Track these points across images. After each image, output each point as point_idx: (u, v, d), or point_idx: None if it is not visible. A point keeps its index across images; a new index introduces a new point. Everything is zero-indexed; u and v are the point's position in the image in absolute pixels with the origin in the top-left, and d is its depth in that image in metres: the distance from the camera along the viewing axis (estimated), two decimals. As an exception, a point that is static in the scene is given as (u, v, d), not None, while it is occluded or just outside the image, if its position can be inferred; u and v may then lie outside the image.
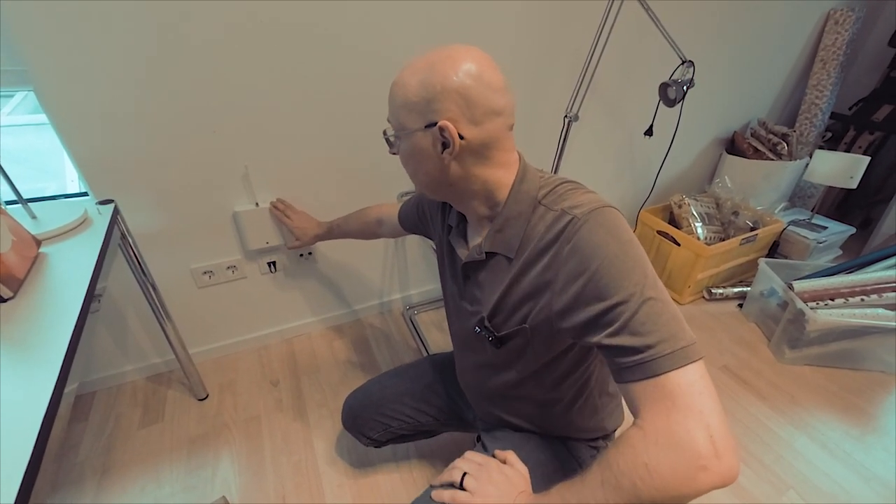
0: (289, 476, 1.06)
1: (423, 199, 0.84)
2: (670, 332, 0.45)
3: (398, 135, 0.58)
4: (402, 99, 0.54)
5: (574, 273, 0.51)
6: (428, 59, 0.53)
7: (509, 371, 0.68)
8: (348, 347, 1.46)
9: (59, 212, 0.84)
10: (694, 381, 0.44)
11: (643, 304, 0.46)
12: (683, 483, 0.41)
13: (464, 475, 0.61)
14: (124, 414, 1.22)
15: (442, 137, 0.53)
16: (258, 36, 0.98)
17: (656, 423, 0.44)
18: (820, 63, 1.87)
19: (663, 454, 0.42)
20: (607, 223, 0.51)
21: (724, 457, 0.41)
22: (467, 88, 0.51)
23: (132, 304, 1.20)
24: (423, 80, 0.52)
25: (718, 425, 0.42)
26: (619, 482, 0.44)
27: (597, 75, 1.22)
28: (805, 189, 2.02)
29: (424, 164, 0.57)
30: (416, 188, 0.64)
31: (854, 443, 1.16)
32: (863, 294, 1.34)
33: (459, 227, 0.69)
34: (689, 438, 0.41)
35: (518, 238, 0.57)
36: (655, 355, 0.45)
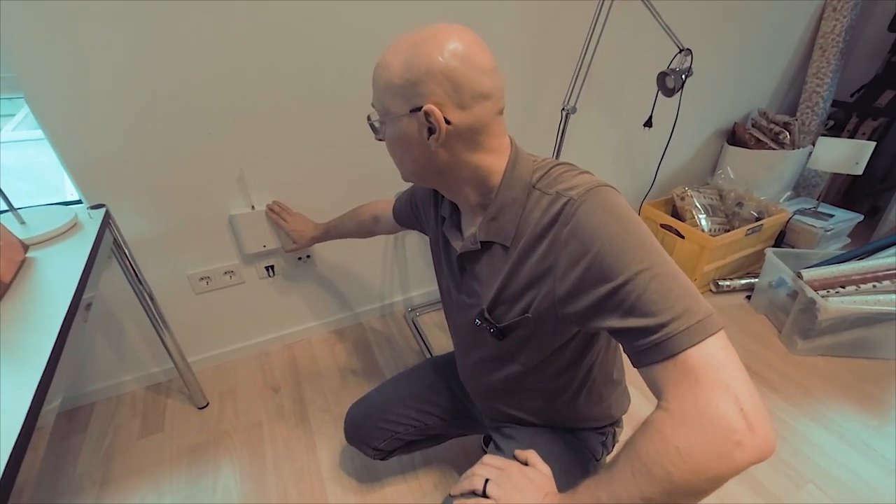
0: (291, 483, 1.04)
1: (415, 192, 0.82)
2: (684, 306, 0.43)
3: (383, 120, 0.56)
4: (385, 82, 0.52)
5: (575, 256, 0.48)
6: (412, 38, 0.50)
7: (513, 364, 0.66)
8: (350, 352, 1.44)
9: (49, 217, 0.83)
10: (716, 353, 0.41)
11: (651, 281, 0.44)
12: (720, 462, 0.38)
13: (486, 482, 0.57)
14: (123, 424, 1.20)
15: (427, 123, 0.51)
16: (251, 38, 0.97)
17: (682, 404, 0.41)
18: (819, 50, 1.85)
19: (694, 435, 0.39)
20: (605, 202, 0.49)
21: (759, 428, 0.38)
22: (453, 70, 0.48)
23: (129, 313, 1.19)
24: (406, 61, 0.49)
25: (748, 396, 0.39)
26: (651, 470, 0.41)
27: (593, 66, 1.20)
28: (809, 178, 1.99)
29: (411, 151, 0.55)
30: (402, 176, 0.61)
31: (873, 433, 1.12)
32: (875, 280, 1.30)
33: (453, 218, 0.66)
34: (719, 415, 0.38)
35: (514, 225, 0.55)
36: (671, 333, 0.42)
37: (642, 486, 0.41)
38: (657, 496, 0.41)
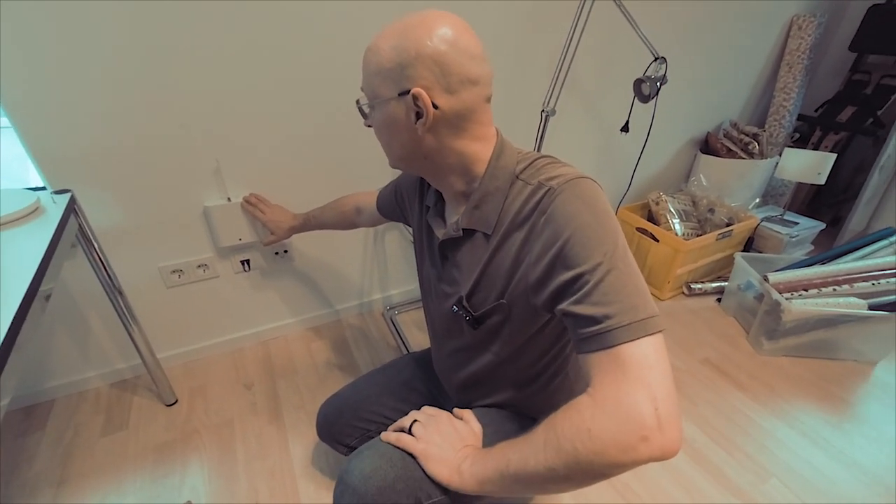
0: (263, 481, 1.01)
1: (400, 183, 0.81)
2: (631, 303, 0.45)
3: (372, 104, 0.56)
4: (375, 66, 0.52)
5: (548, 243, 0.50)
6: (402, 23, 0.51)
7: (487, 353, 0.66)
8: (327, 349, 1.41)
9: (8, 201, 0.79)
10: (648, 353, 0.43)
11: (608, 274, 0.46)
12: (623, 452, 0.41)
13: (413, 422, 0.63)
14: (85, 422, 1.14)
15: (415, 106, 0.51)
16: (226, 27, 0.95)
17: (605, 392, 0.43)
18: (786, 67, 1.94)
19: (608, 422, 0.42)
20: (583, 193, 0.51)
21: (667, 430, 0.40)
22: (442, 54, 0.49)
23: (94, 306, 1.14)
24: (396, 45, 0.50)
25: (665, 399, 0.41)
26: (561, 444, 0.44)
27: (573, 70, 1.23)
28: (776, 187, 2.08)
29: (398, 135, 0.55)
30: (389, 161, 0.61)
31: (833, 430, 1.17)
32: (835, 284, 1.37)
33: (437, 207, 0.67)
34: (635, 409, 0.41)
35: (496, 213, 0.56)
36: (612, 326, 0.44)
37: (549, 456, 0.44)
38: (560, 468, 0.44)
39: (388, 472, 0.59)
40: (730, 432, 1.16)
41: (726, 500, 0.99)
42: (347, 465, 0.62)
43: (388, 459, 0.60)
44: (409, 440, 0.61)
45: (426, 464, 0.58)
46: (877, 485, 1.04)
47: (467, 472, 0.55)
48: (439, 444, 0.59)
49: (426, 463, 0.58)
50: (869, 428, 1.18)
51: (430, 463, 0.58)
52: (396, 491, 0.58)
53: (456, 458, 0.57)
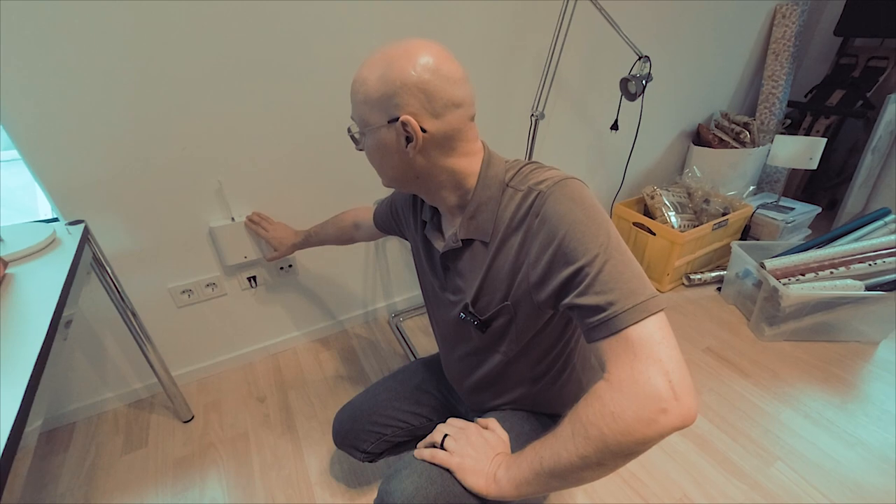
0: (280, 490, 1.04)
1: (396, 199, 0.85)
2: (630, 288, 0.48)
3: (363, 131, 0.59)
4: (362, 96, 0.55)
5: (544, 243, 0.53)
6: (385, 54, 0.54)
7: (495, 354, 0.69)
8: (335, 359, 1.45)
9: (27, 234, 0.84)
10: (653, 332, 0.46)
11: (606, 264, 0.49)
12: (647, 426, 0.43)
13: (445, 437, 0.64)
14: (105, 442, 1.18)
15: (405, 132, 0.54)
16: (225, 51, 0.99)
17: (620, 374, 0.46)
18: (772, 55, 1.96)
19: (627, 401, 0.44)
20: (571, 193, 0.54)
21: (683, 399, 0.43)
22: (426, 83, 0.52)
23: (109, 329, 1.18)
24: (382, 75, 0.53)
25: (676, 370, 0.44)
26: (588, 431, 0.46)
27: (559, 73, 1.27)
28: (771, 174, 2.09)
29: (390, 159, 0.58)
30: (383, 182, 0.65)
31: (836, 411, 1.19)
32: (832, 267, 1.38)
33: (434, 221, 0.70)
34: (651, 385, 0.43)
35: (491, 222, 0.59)
36: (617, 311, 0.47)
37: (579, 446, 0.47)
38: (592, 454, 0.46)
39: (429, 490, 0.60)
40: (734, 418, 1.17)
41: (733, 485, 1.01)
42: (387, 486, 0.63)
43: (427, 477, 0.61)
44: (443, 456, 0.62)
45: (463, 477, 0.59)
46: (881, 462, 1.05)
47: (503, 478, 0.56)
48: (473, 456, 0.60)
49: (463, 476, 0.59)
50: (872, 407, 1.19)
51: (466, 475, 0.59)
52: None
53: (490, 468, 0.59)
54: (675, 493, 1.00)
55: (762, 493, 0.99)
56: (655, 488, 1.01)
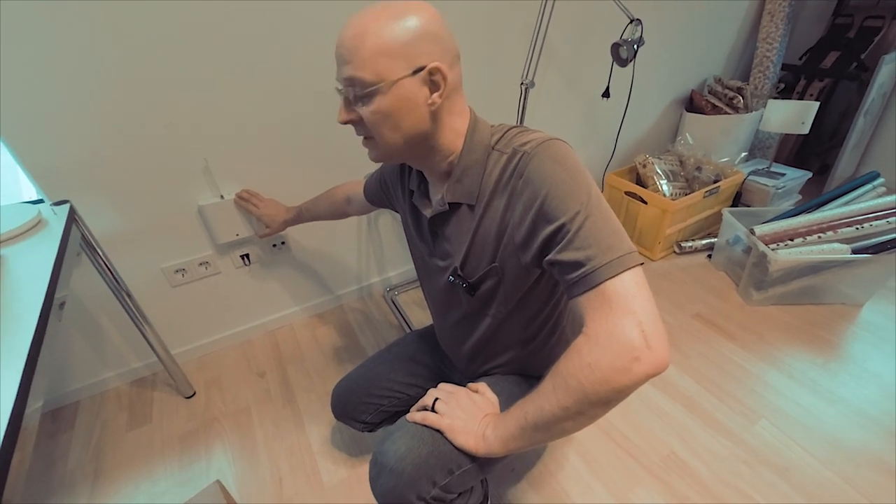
0: (284, 459, 1.08)
1: (384, 171, 0.84)
2: (608, 244, 0.49)
3: (374, 88, 0.52)
4: (373, 47, 0.50)
5: (528, 203, 0.54)
6: (384, 7, 0.52)
7: (485, 318, 0.71)
8: (332, 333, 1.47)
9: (11, 216, 0.83)
10: (629, 286, 0.48)
11: (585, 221, 0.50)
12: (622, 374, 0.46)
13: (435, 400, 0.67)
14: (110, 419, 1.21)
15: (430, 81, 0.53)
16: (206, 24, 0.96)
17: (597, 327, 0.48)
18: (768, 16, 1.92)
19: (602, 351, 0.47)
20: (554, 153, 0.54)
21: (655, 348, 0.46)
22: (437, 32, 0.53)
23: (105, 310, 1.19)
24: (396, 25, 0.50)
25: (650, 322, 0.46)
26: (568, 383, 0.49)
27: (549, 40, 1.24)
28: (763, 140, 2.09)
29: (409, 116, 0.54)
30: (378, 153, 0.60)
31: (819, 370, 1.23)
32: (819, 232, 1.40)
33: (421, 188, 0.70)
34: (624, 335, 0.46)
35: (477, 185, 0.60)
36: (595, 266, 0.49)
37: (560, 397, 0.50)
38: (572, 405, 0.49)
39: (420, 449, 0.63)
40: (720, 380, 1.22)
41: (718, 442, 1.06)
42: (381, 447, 0.66)
43: (418, 438, 0.64)
44: (434, 418, 0.65)
45: (453, 437, 0.62)
46: (860, 417, 1.10)
47: (491, 436, 0.59)
48: (462, 418, 0.64)
49: (453, 436, 0.63)
50: (854, 366, 1.23)
51: (456, 435, 0.62)
52: (430, 466, 0.62)
53: (479, 427, 0.62)
54: (663, 450, 1.05)
55: (746, 450, 1.04)
56: (644, 447, 1.06)
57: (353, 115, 0.56)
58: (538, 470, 1.03)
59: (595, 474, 1.01)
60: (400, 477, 0.62)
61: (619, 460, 1.04)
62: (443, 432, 0.64)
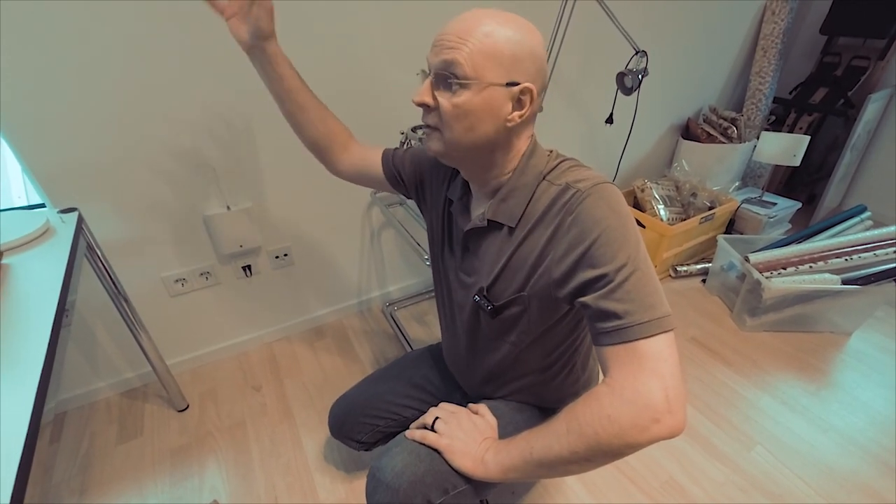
0: (279, 477, 1.06)
1: (423, 162, 0.78)
2: (650, 302, 0.50)
3: (468, 83, 0.52)
4: (490, 48, 0.51)
5: (574, 242, 0.54)
6: (512, 18, 0.54)
7: (504, 344, 0.70)
8: (330, 347, 1.45)
9: (17, 222, 0.81)
10: (662, 349, 0.49)
11: (632, 275, 0.51)
12: (639, 432, 0.47)
13: (435, 419, 0.67)
14: (99, 432, 1.17)
15: (519, 98, 0.54)
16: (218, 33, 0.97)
17: (623, 382, 0.49)
18: (761, 52, 2.00)
19: (626, 407, 0.47)
20: (608, 198, 0.55)
21: (676, 413, 0.47)
22: (542, 59, 0.55)
23: (100, 318, 1.16)
24: (513, 36, 0.52)
25: (675, 387, 0.48)
26: (583, 429, 0.50)
27: (558, 66, 1.27)
28: (755, 169, 2.15)
29: (486, 123, 0.55)
30: (442, 148, 0.58)
31: (811, 398, 1.25)
32: (811, 262, 1.44)
33: (463, 200, 0.69)
34: (650, 396, 0.47)
35: (521, 208, 0.60)
36: (633, 322, 0.49)
37: (573, 442, 0.50)
38: (582, 451, 0.50)
39: (417, 466, 0.63)
40: (716, 405, 1.23)
41: (715, 468, 1.07)
42: (378, 462, 0.65)
43: (416, 455, 0.64)
44: (433, 437, 0.65)
45: (451, 458, 0.63)
46: (851, 445, 1.12)
47: (491, 461, 0.60)
48: (462, 439, 0.64)
49: (451, 457, 0.63)
50: (843, 394, 1.26)
51: (455, 457, 0.62)
52: (426, 484, 0.62)
53: (479, 451, 0.62)
54: (662, 475, 1.06)
55: (743, 476, 1.05)
56: (643, 471, 1.06)
57: (432, 100, 0.55)
58: (537, 493, 1.03)
59: (595, 498, 1.01)
60: (396, 493, 0.62)
61: (618, 484, 1.04)
62: (441, 452, 0.64)
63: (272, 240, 1.28)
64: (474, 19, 0.52)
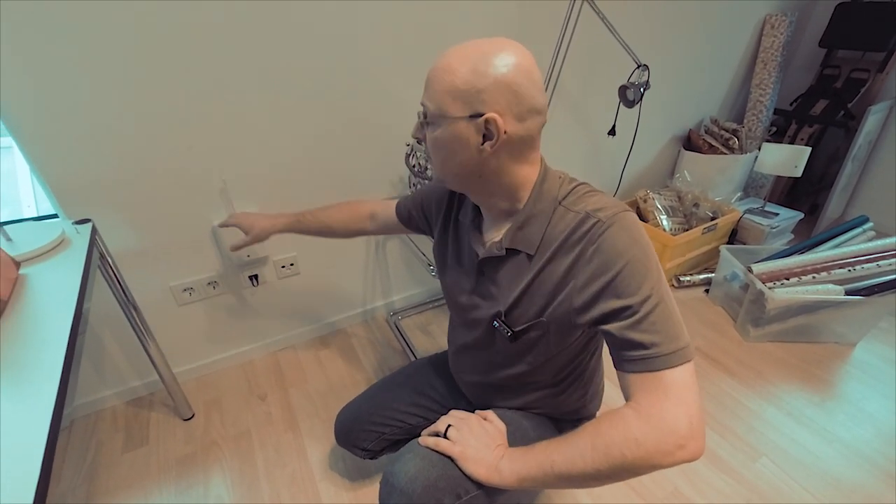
0: (284, 486, 1.06)
1: (426, 196, 0.83)
2: (674, 333, 0.52)
3: (435, 121, 0.56)
4: (448, 85, 0.53)
5: (597, 272, 0.55)
6: (478, 47, 0.53)
7: (519, 364, 0.72)
8: (335, 357, 1.46)
9: (33, 233, 0.83)
10: (686, 378, 0.51)
11: (656, 307, 0.52)
12: (664, 456, 0.49)
13: (448, 427, 0.68)
14: (106, 440, 1.18)
15: (485, 129, 0.54)
16: (232, 51, 0.99)
17: (650, 409, 0.51)
18: (761, 64, 2.02)
19: (652, 432, 0.50)
20: (630, 228, 0.56)
21: (698, 440, 0.50)
22: (518, 84, 0.52)
23: (108, 327, 1.17)
24: (473, 68, 0.52)
25: (697, 414, 0.50)
26: (609, 450, 0.51)
27: (561, 79, 1.29)
28: (757, 179, 2.17)
29: (459, 154, 0.57)
30: (438, 176, 0.63)
31: (816, 409, 1.25)
32: (814, 272, 1.45)
33: (475, 222, 0.70)
34: (676, 424, 0.49)
35: (539, 235, 0.60)
36: (659, 353, 0.51)
37: (598, 460, 0.52)
38: (606, 469, 0.52)
39: (430, 472, 0.63)
40: (721, 416, 1.23)
41: (721, 479, 1.07)
42: (391, 468, 0.66)
43: (429, 461, 0.65)
44: (446, 444, 0.65)
45: (464, 464, 0.63)
46: (857, 457, 1.12)
47: (506, 469, 0.60)
48: (475, 446, 0.64)
49: (464, 464, 0.63)
50: (849, 405, 1.26)
51: (468, 463, 0.63)
52: (439, 489, 0.63)
53: (492, 458, 0.62)
54: (667, 486, 1.05)
55: (748, 488, 1.05)
56: (649, 483, 1.06)
57: (420, 135, 0.61)
58: (544, 497, 1.03)
59: (600, 510, 1.01)
60: (409, 497, 0.62)
61: (623, 496, 1.04)
62: (454, 459, 0.64)
63: (279, 250, 1.30)
64: (442, 59, 0.54)
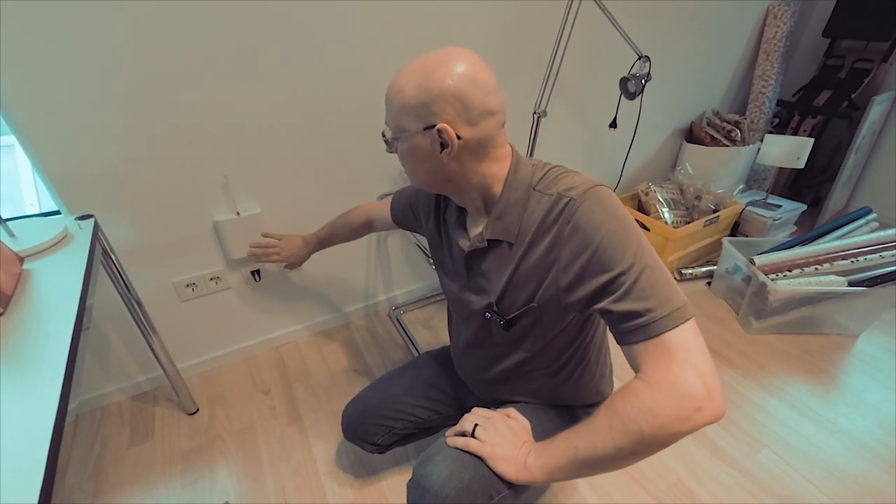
0: (289, 480, 1.07)
1: (413, 197, 0.86)
2: (666, 295, 0.51)
3: (397, 136, 0.61)
4: (399, 103, 0.57)
5: (577, 250, 0.55)
6: (423, 63, 0.55)
7: (517, 352, 0.72)
8: (338, 351, 1.47)
9: (36, 229, 0.83)
10: (688, 337, 0.50)
11: (643, 272, 0.52)
12: (683, 422, 0.48)
13: (475, 426, 0.67)
14: (111, 435, 1.19)
15: (440, 139, 0.56)
16: (234, 45, 0.99)
17: (658, 376, 0.50)
18: (763, 55, 2.01)
19: (666, 400, 0.48)
20: (603, 201, 0.56)
21: (716, 398, 0.48)
22: (463, 91, 0.54)
23: (112, 323, 1.18)
24: (419, 84, 0.55)
25: (709, 373, 0.49)
26: (627, 425, 0.50)
27: (562, 72, 1.28)
28: (759, 172, 2.16)
29: (424, 164, 0.61)
30: (413, 184, 0.67)
31: (819, 401, 1.25)
32: (817, 264, 1.45)
33: (460, 220, 0.71)
34: (687, 386, 0.48)
35: (517, 223, 0.61)
36: (655, 318, 0.50)
37: (617, 438, 0.51)
38: (628, 446, 0.50)
39: (463, 474, 0.63)
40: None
41: (723, 470, 1.07)
42: (422, 470, 0.66)
43: (460, 463, 0.64)
44: (476, 444, 0.65)
45: (494, 464, 0.63)
46: (860, 448, 1.12)
47: (534, 465, 0.60)
48: (502, 445, 0.64)
49: (494, 463, 0.63)
50: (851, 396, 1.26)
51: (498, 463, 0.63)
52: (472, 491, 0.63)
53: (520, 455, 0.62)
54: (670, 477, 1.06)
55: (751, 479, 1.05)
56: (651, 474, 1.06)
57: (392, 150, 0.64)
58: (546, 499, 1.03)
59: (602, 501, 1.02)
60: (443, 500, 0.62)
61: (626, 487, 1.04)
62: (484, 459, 0.64)
63: (281, 245, 1.30)
64: (394, 79, 0.58)
